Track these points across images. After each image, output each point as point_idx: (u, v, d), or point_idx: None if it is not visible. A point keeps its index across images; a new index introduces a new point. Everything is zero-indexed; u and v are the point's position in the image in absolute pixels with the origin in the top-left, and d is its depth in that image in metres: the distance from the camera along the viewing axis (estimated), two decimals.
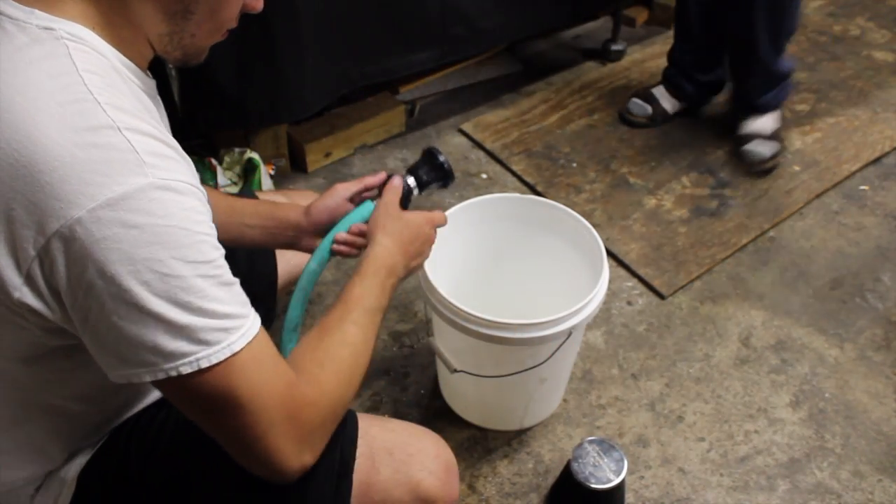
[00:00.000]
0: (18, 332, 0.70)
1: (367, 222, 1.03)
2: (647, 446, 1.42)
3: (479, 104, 2.28)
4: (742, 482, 1.37)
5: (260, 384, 0.69)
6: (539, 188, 1.97)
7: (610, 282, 1.48)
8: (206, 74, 1.65)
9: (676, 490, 1.35)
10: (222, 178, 1.74)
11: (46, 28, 0.66)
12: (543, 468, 1.38)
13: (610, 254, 1.76)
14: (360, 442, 0.87)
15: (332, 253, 1.06)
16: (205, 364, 0.66)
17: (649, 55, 2.51)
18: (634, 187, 1.98)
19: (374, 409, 1.46)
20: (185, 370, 0.65)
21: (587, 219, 1.34)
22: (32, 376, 0.76)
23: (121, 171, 0.62)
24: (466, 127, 2.17)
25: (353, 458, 0.86)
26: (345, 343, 0.82)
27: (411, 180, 1.11)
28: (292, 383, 0.72)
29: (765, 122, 2.04)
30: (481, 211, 1.38)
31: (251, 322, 0.69)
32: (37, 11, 0.67)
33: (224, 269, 0.68)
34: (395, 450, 0.89)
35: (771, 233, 1.88)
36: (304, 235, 1.10)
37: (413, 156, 2.07)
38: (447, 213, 1.33)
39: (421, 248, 1.03)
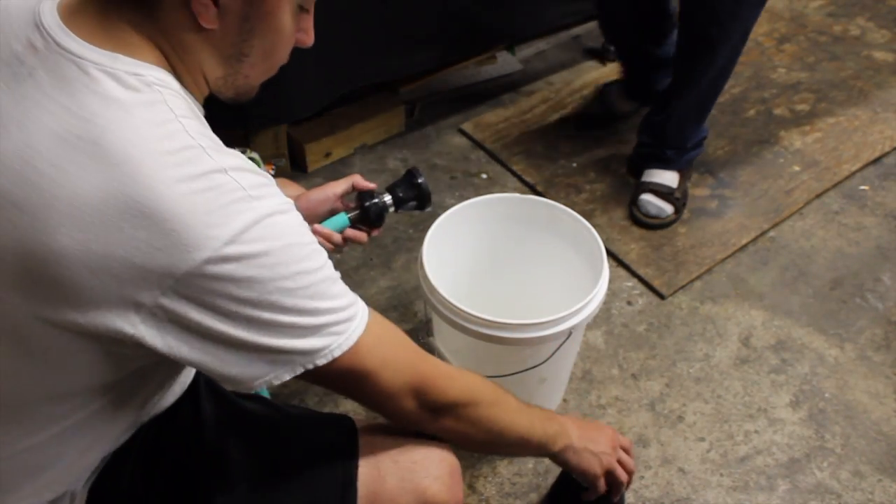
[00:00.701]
0: (105, 360, 0.71)
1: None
2: (647, 446, 1.42)
3: (479, 104, 2.28)
4: (742, 482, 1.37)
5: (389, 356, 0.78)
6: (539, 188, 1.97)
7: (610, 282, 1.48)
8: None
9: (676, 490, 1.35)
10: None
11: (135, 74, 0.67)
12: (543, 468, 1.38)
13: (610, 254, 1.76)
14: (364, 450, 0.88)
15: None
16: (337, 353, 0.73)
17: None
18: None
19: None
20: (321, 362, 0.72)
21: (587, 219, 1.33)
22: (106, 400, 0.78)
23: (235, 209, 0.65)
24: (466, 127, 2.17)
25: (356, 466, 0.87)
26: (508, 407, 0.94)
27: (388, 198, 1.15)
28: (417, 357, 0.82)
29: (669, 178, 1.88)
30: (481, 211, 1.38)
31: (361, 305, 0.77)
32: (120, 56, 0.67)
33: (332, 267, 0.74)
34: (399, 457, 0.89)
35: (771, 233, 1.88)
36: None
37: (413, 156, 2.07)
38: (447, 213, 1.33)
39: (599, 441, 1.04)
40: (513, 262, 1.48)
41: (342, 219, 1.11)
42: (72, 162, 0.63)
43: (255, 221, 0.66)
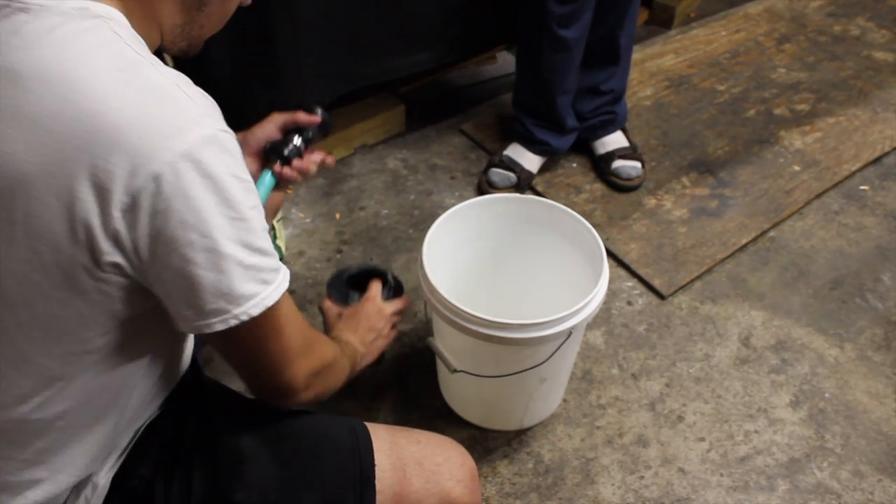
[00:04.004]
0: (101, 307, 0.71)
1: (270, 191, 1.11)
2: (647, 446, 1.42)
3: (479, 104, 2.28)
4: (742, 482, 1.37)
5: (291, 314, 0.78)
6: (539, 188, 1.97)
7: (610, 282, 1.48)
8: (205, 74, 1.64)
9: (676, 490, 1.35)
10: None
11: (80, 8, 0.68)
12: (543, 468, 1.38)
13: (610, 254, 1.76)
14: (389, 453, 0.90)
15: None
16: (269, 302, 0.72)
17: (649, 55, 2.51)
18: None
19: (374, 409, 1.46)
20: (254, 312, 0.71)
21: (587, 219, 1.33)
22: (116, 365, 0.77)
23: (189, 123, 0.66)
24: (466, 127, 2.17)
25: (373, 465, 0.88)
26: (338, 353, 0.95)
27: (297, 140, 1.16)
28: (304, 321, 0.83)
29: (621, 138, 2.01)
30: (481, 211, 1.38)
31: (284, 266, 0.76)
32: None
33: (263, 212, 0.73)
34: (424, 460, 0.91)
35: (771, 233, 1.88)
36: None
37: (413, 156, 2.07)
38: (447, 213, 1.33)
39: (371, 328, 1.13)
40: (513, 263, 1.48)
41: (268, 176, 1.12)
42: (20, 89, 0.64)
43: (206, 140, 0.66)
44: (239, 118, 1.91)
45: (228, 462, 0.86)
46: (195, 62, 1.00)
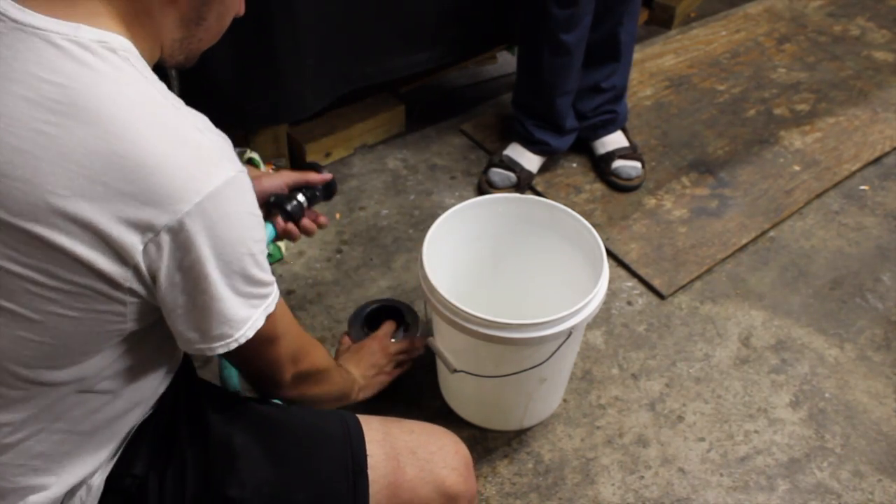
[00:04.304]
0: (109, 325, 0.74)
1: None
2: (647, 446, 1.42)
3: (479, 104, 2.28)
4: (742, 482, 1.37)
5: (286, 322, 0.86)
6: (539, 188, 1.97)
7: (610, 282, 1.48)
8: (206, 75, 1.64)
9: (676, 490, 1.35)
10: None
11: (100, 41, 0.69)
12: (543, 468, 1.38)
13: (610, 254, 1.76)
14: (382, 443, 0.91)
15: None
16: (260, 323, 0.78)
17: (649, 55, 2.51)
18: None
19: (374, 409, 1.46)
20: (250, 334, 0.77)
21: (587, 219, 1.33)
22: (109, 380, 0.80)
23: (213, 166, 0.69)
24: (466, 127, 2.17)
25: (365, 455, 0.89)
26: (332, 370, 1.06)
27: (301, 197, 1.19)
28: (301, 329, 0.92)
29: (621, 138, 2.01)
30: (481, 211, 1.38)
31: (275, 286, 0.81)
32: (82, 26, 0.69)
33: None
34: (417, 449, 0.92)
35: (771, 233, 1.88)
36: None
37: (413, 156, 2.07)
38: (447, 213, 1.33)
39: (372, 364, 1.29)
40: (513, 263, 1.48)
41: (269, 229, 1.16)
42: (51, 124, 0.65)
43: (228, 182, 0.70)
44: (239, 118, 1.93)
45: (221, 458, 0.86)
46: (196, 62, 1.00)
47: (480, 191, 1.95)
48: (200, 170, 0.68)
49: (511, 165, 1.93)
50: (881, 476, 1.38)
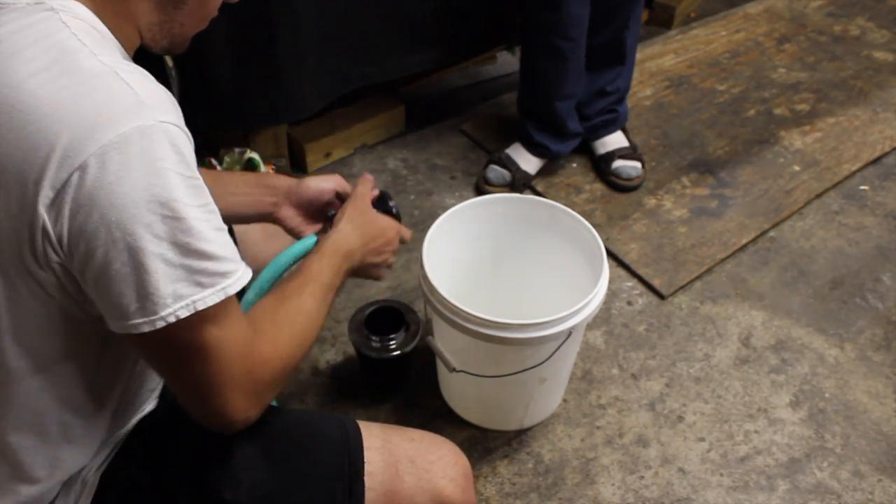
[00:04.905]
0: (44, 309, 0.69)
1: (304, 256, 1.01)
2: (647, 446, 1.42)
3: (478, 104, 2.28)
4: (742, 482, 1.37)
5: (230, 337, 0.71)
6: (539, 188, 1.97)
7: (610, 282, 1.48)
8: (206, 75, 1.65)
9: (676, 490, 1.35)
10: None
11: (37, 3, 0.68)
12: (543, 468, 1.38)
13: (610, 254, 1.76)
14: (381, 450, 0.90)
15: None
16: (202, 306, 0.66)
17: (649, 55, 2.51)
18: None
19: (374, 409, 1.46)
20: (182, 314, 0.66)
21: (587, 219, 1.33)
22: (69, 370, 0.76)
23: (122, 112, 0.63)
24: (466, 127, 2.17)
25: (363, 461, 0.88)
26: (301, 310, 0.84)
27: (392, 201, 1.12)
28: (253, 340, 0.75)
29: (621, 138, 2.01)
30: (481, 211, 1.38)
31: (243, 271, 0.71)
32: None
33: (217, 215, 0.69)
34: (416, 458, 0.91)
35: (771, 233, 1.88)
36: (285, 204, 1.09)
37: (413, 156, 2.07)
38: (447, 213, 1.33)
39: (382, 248, 1.03)
40: (513, 263, 1.48)
41: (312, 240, 1.05)
42: None
43: (141, 131, 0.63)
44: (239, 118, 1.93)
45: (217, 460, 0.85)
46: (196, 62, 1.01)
47: (477, 187, 1.96)
48: (105, 115, 0.62)
49: (508, 164, 1.93)
50: (881, 476, 1.38)
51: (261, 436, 0.88)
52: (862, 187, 2.02)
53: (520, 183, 1.93)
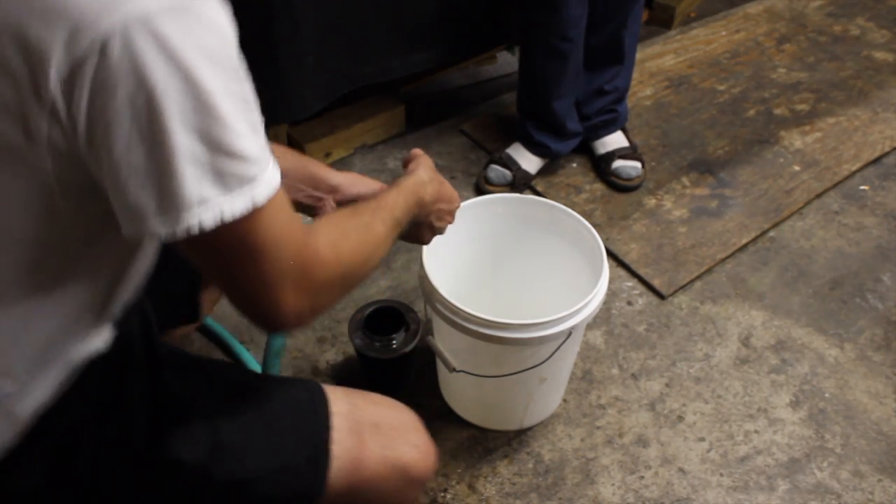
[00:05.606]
0: (31, 183, 0.61)
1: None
2: (647, 446, 1.42)
3: (478, 104, 2.28)
4: (742, 482, 1.37)
5: (280, 234, 0.65)
6: (539, 188, 1.97)
7: (610, 282, 1.48)
8: None
9: (676, 490, 1.35)
10: None
11: None
12: (543, 468, 1.38)
13: (610, 254, 1.76)
14: (347, 416, 0.86)
15: None
16: (227, 215, 0.59)
17: (649, 55, 2.51)
18: None
19: None
20: (208, 223, 0.59)
21: (587, 219, 1.34)
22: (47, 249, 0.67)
23: None
24: (466, 127, 2.17)
25: (329, 428, 0.84)
26: (370, 230, 0.82)
27: None
28: (309, 240, 0.70)
29: (621, 138, 2.01)
30: (481, 211, 1.38)
31: (273, 169, 0.64)
32: None
33: (257, 107, 0.62)
34: (381, 423, 0.88)
35: (771, 233, 1.88)
36: (329, 200, 1.05)
37: None
38: None
39: (446, 213, 1.03)
40: (513, 263, 1.48)
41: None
42: None
43: (178, 6, 0.54)
44: None
45: (175, 418, 0.80)
46: None
47: (478, 186, 1.96)
48: None
49: (509, 164, 1.93)
50: (881, 476, 1.38)
51: (224, 398, 0.84)
52: (862, 187, 2.02)
53: (521, 182, 1.93)
